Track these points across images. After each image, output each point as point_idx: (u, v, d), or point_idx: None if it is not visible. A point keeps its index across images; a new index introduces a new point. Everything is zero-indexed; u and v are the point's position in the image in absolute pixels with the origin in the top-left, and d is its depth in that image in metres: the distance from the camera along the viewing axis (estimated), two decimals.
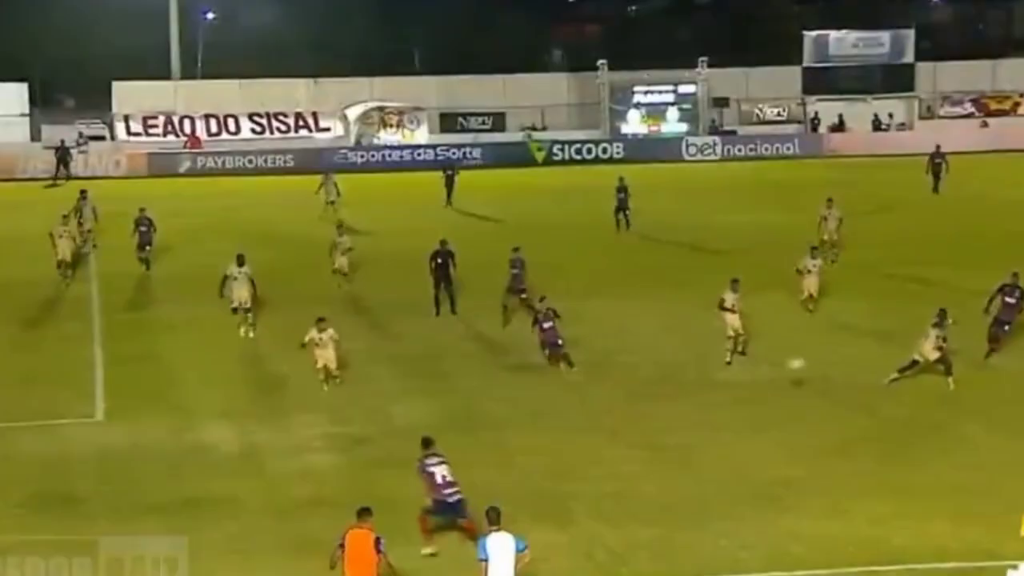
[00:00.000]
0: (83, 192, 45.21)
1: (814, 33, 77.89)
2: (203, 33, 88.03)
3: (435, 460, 19.93)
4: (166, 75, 75.26)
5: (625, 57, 76.98)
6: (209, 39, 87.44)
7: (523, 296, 33.36)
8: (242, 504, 21.66)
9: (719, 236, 44.95)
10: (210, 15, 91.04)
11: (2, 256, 43.59)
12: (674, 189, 58.88)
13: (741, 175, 64.80)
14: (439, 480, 19.66)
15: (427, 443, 20.29)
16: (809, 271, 33.59)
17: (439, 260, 34.18)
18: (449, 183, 54.59)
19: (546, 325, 29.01)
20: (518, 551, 16.86)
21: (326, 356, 27.59)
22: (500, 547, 16.81)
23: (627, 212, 46.69)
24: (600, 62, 75.19)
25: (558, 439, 24.48)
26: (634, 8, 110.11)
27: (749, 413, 26.17)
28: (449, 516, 19.66)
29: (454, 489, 19.62)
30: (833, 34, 77.69)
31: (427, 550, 19.29)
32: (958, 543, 19.45)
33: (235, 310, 32.31)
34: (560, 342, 28.99)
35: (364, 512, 17.45)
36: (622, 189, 46.99)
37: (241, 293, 32.17)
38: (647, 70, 75.46)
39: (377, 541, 17.06)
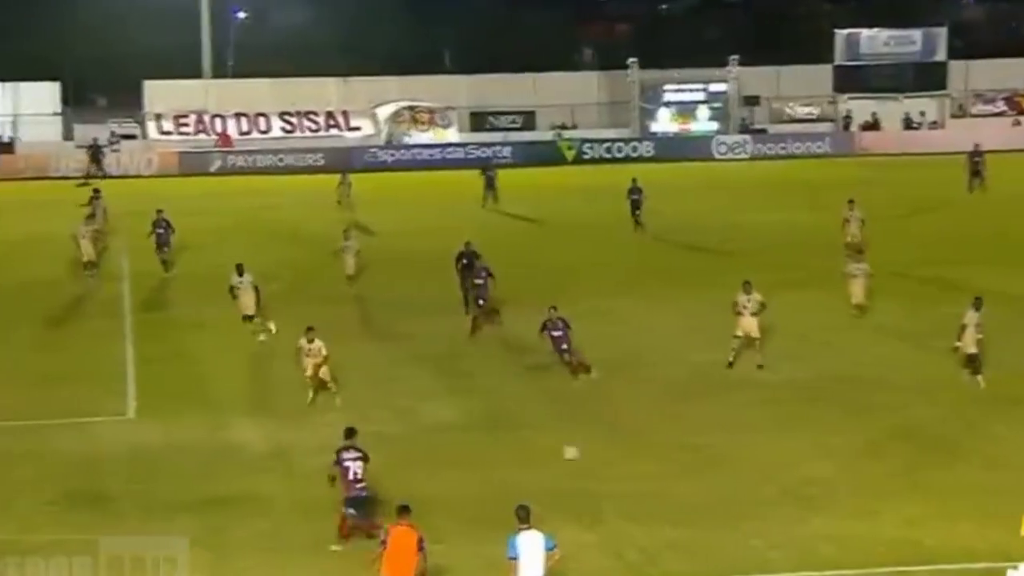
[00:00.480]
0: (96, 191, 45.50)
1: (846, 31, 77.51)
2: (234, 32, 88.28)
3: (352, 455, 20.02)
4: (197, 74, 75.65)
5: (655, 55, 76.76)
6: (240, 38, 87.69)
7: (480, 304, 32.77)
8: (272, 502, 21.75)
9: (749, 235, 44.78)
10: (241, 14, 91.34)
11: (32, 255, 43.88)
12: (704, 188, 58.78)
13: (772, 174, 64.56)
14: (350, 476, 19.84)
15: (349, 433, 20.33)
16: (854, 275, 33.29)
17: (464, 260, 34.36)
18: (490, 183, 54.16)
19: (555, 334, 28.53)
20: (548, 550, 16.83)
21: (314, 364, 27.21)
22: (530, 545, 16.77)
23: (638, 214, 45.88)
24: (630, 60, 74.87)
25: (585, 438, 24.37)
26: (664, 6, 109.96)
27: (777, 413, 26.08)
28: (362, 512, 19.58)
29: (362, 486, 19.84)
30: (865, 32, 77.26)
31: (335, 547, 19.43)
32: (987, 544, 19.29)
33: (245, 318, 32.39)
34: (565, 347, 28.46)
35: (403, 510, 17.49)
36: (635, 191, 46.37)
37: (246, 301, 32.28)
38: (677, 68, 75.27)
39: (420, 540, 17.07)
